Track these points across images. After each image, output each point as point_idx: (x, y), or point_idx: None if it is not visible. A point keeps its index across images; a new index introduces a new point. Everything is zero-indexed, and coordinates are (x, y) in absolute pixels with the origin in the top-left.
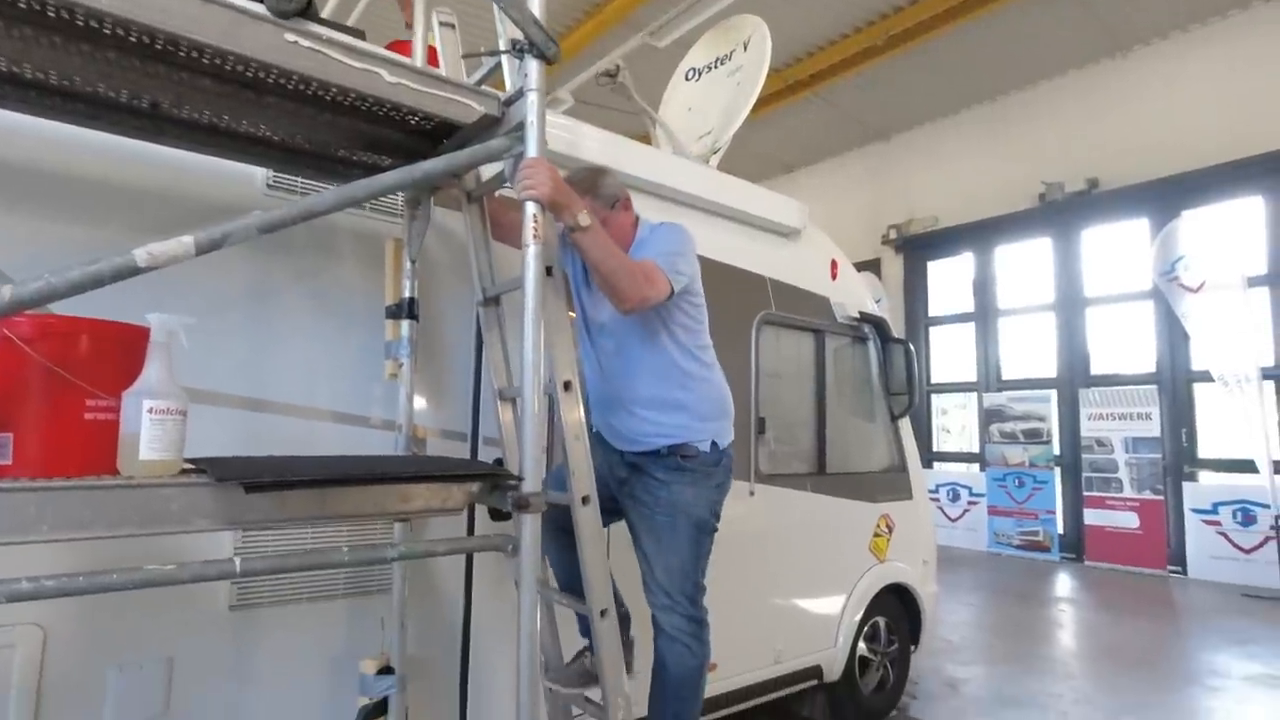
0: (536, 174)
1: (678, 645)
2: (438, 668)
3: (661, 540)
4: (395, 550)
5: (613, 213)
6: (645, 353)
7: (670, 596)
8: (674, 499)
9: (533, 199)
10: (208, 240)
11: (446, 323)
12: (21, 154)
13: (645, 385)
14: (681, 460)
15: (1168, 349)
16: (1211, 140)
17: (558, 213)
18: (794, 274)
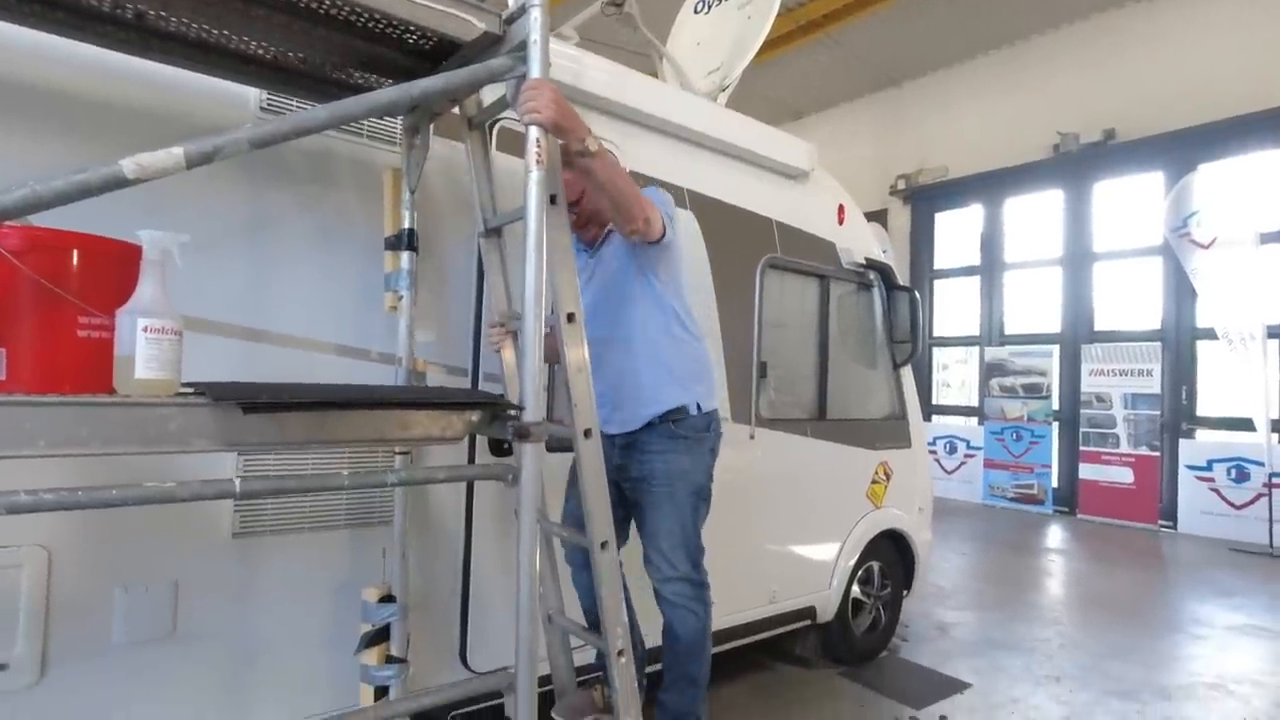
0: (539, 95)
1: (681, 610)
2: (439, 599)
3: (660, 510)
4: (395, 476)
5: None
6: (636, 323)
7: (672, 565)
8: (669, 468)
9: (536, 123)
10: (198, 153)
11: (448, 255)
12: (2, 68)
13: (639, 356)
14: (674, 427)
15: (1174, 306)
16: (1233, 90)
17: (563, 136)
18: (800, 217)
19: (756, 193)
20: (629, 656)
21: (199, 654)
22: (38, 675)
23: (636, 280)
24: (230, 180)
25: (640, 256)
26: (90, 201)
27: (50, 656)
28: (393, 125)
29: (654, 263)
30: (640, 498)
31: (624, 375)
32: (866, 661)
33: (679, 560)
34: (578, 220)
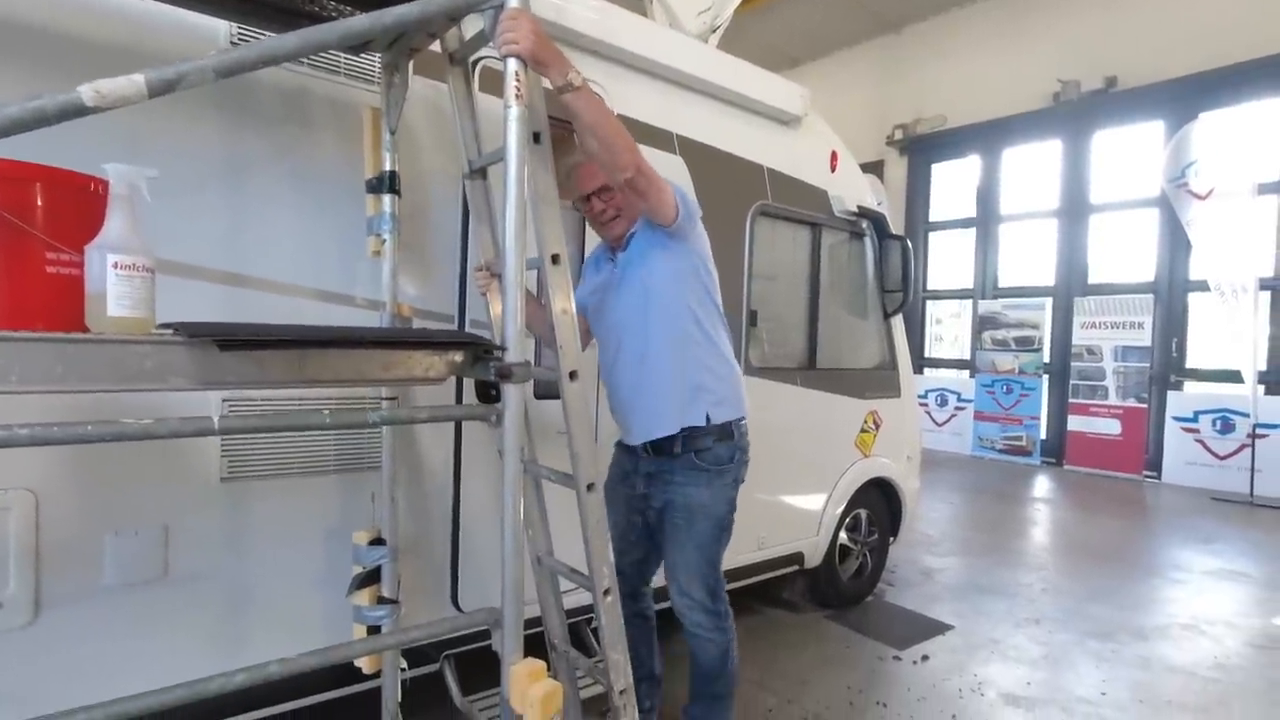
0: (517, 26)
1: (701, 639)
2: (430, 542)
3: (680, 541)
4: (377, 415)
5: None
6: (650, 330)
7: (690, 596)
8: (689, 501)
9: (514, 54)
10: (160, 81)
11: (432, 198)
12: None
13: (651, 368)
14: (695, 459)
15: (1168, 258)
16: (1238, 36)
17: (543, 70)
18: (792, 164)
19: (747, 138)
20: (615, 596)
21: (192, 596)
22: (31, 615)
23: (653, 280)
24: (206, 121)
25: (657, 250)
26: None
27: (43, 597)
28: (371, 63)
29: (672, 255)
30: (660, 524)
31: (637, 389)
32: (852, 606)
33: (696, 592)
34: (603, 213)
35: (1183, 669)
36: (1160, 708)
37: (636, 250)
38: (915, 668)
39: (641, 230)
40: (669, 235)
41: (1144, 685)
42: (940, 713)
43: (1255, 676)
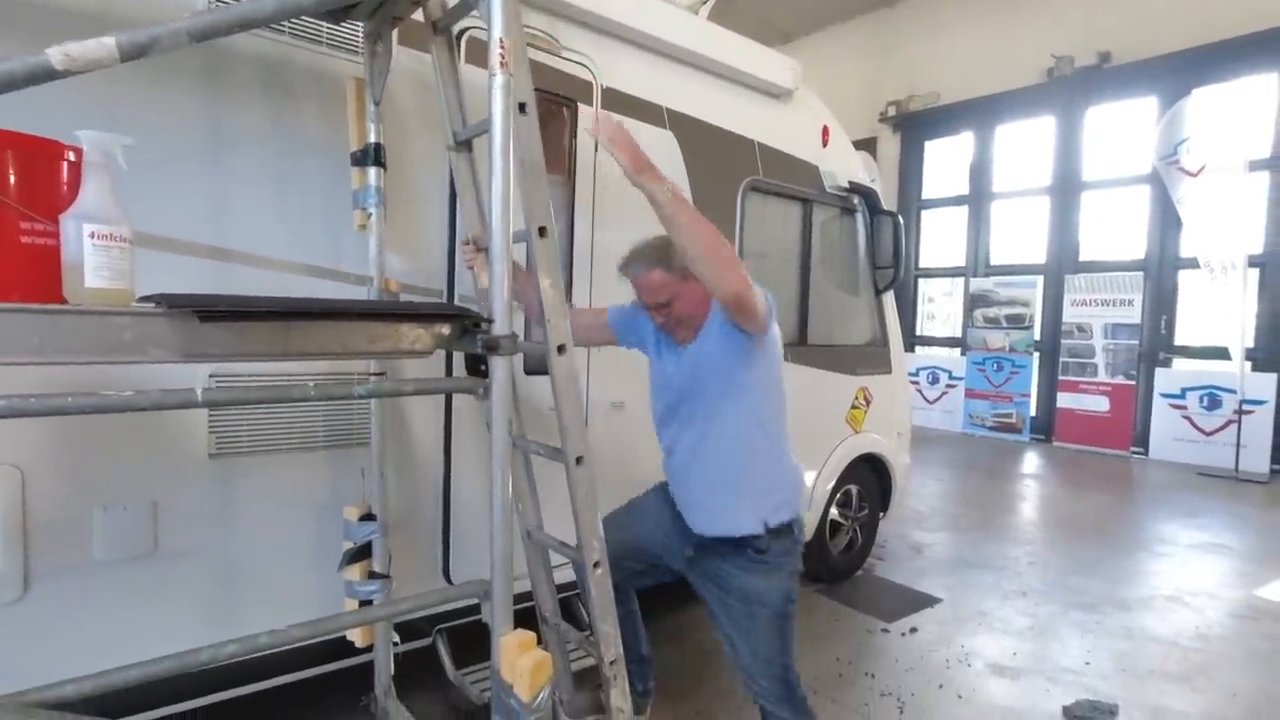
0: (620, 132)
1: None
2: (421, 518)
3: (740, 627)
4: (363, 388)
5: (685, 284)
6: (715, 430)
7: (757, 681)
8: (745, 589)
9: (616, 155)
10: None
11: (419, 171)
12: None
13: (730, 466)
14: (754, 554)
15: (1158, 235)
16: (1231, 11)
17: (641, 179)
18: (783, 139)
19: (738, 112)
20: (604, 569)
21: (183, 571)
22: (21, 590)
23: (723, 379)
24: (187, 91)
25: (731, 351)
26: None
27: (32, 573)
28: (354, 32)
29: (745, 358)
30: (714, 602)
31: (702, 485)
32: (842, 580)
33: (761, 677)
34: (668, 321)
35: (1165, 639)
36: (1143, 676)
37: (712, 347)
38: (904, 639)
39: (718, 327)
40: (749, 339)
41: (1127, 655)
42: (928, 683)
43: (1235, 646)
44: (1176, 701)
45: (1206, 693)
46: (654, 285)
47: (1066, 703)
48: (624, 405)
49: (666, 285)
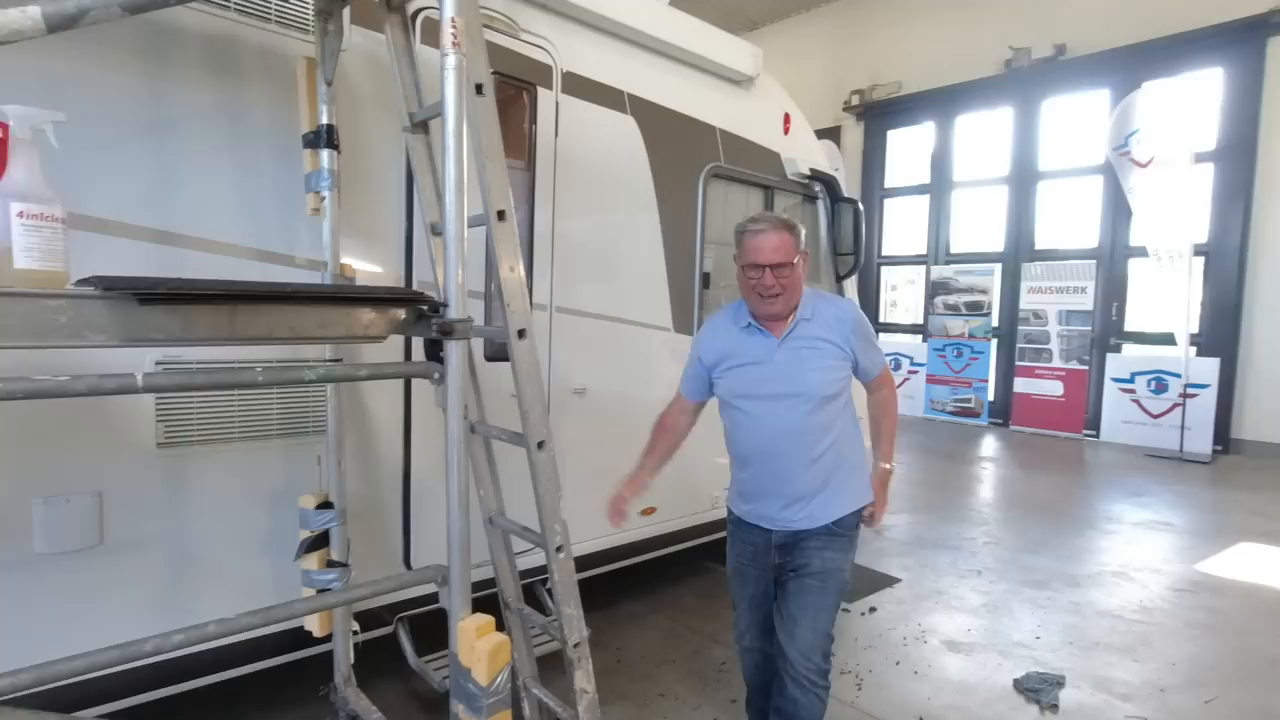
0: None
1: (810, 694)
2: (381, 505)
3: (810, 604)
4: (314, 372)
5: (802, 259)
6: (842, 415)
7: (809, 658)
8: (827, 565)
9: None
10: (59, 15)
11: (376, 154)
12: None
13: (843, 453)
14: (835, 527)
15: (1110, 225)
16: (1182, 5)
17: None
18: (745, 125)
19: (700, 99)
20: (568, 552)
21: (132, 564)
22: None
23: (827, 381)
24: (128, 69)
25: (835, 359)
26: None
27: None
28: (304, 10)
29: (846, 365)
30: (790, 585)
31: (811, 478)
32: None
33: (813, 652)
34: (771, 288)
35: (1110, 612)
36: (1088, 648)
37: (809, 342)
38: (863, 619)
39: (821, 330)
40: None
41: (1075, 628)
42: (885, 659)
43: (1174, 618)
44: (1120, 671)
45: (1147, 662)
46: (784, 246)
47: (1017, 675)
48: (586, 391)
49: (791, 252)
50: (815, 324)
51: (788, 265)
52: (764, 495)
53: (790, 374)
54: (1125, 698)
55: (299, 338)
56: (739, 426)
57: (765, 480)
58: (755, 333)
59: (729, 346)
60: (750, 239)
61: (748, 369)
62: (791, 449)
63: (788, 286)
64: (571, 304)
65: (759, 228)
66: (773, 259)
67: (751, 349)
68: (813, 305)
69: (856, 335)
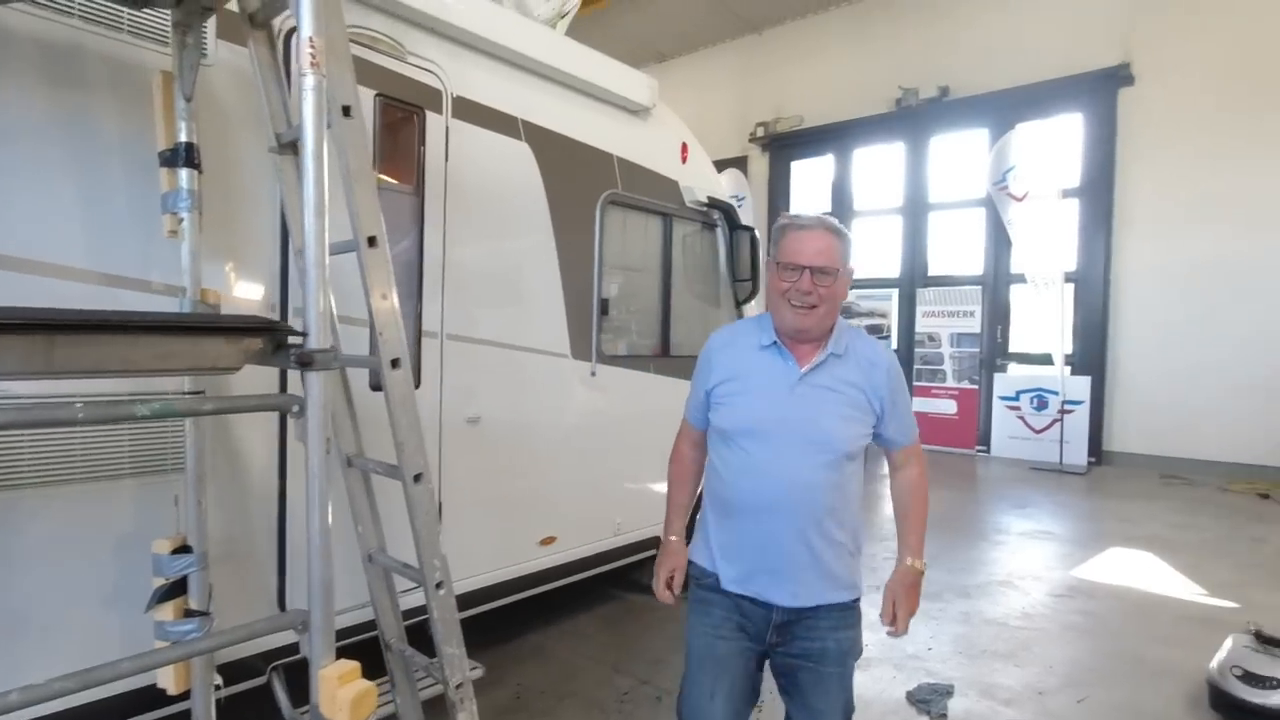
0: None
1: None
2: (252, 545)
3: (830, 692)
4: (147, 407)
5: (846, 273)
6: (849, 497)
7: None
8: (844, 647)
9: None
10: None
11: (248, 174)
12: None
13: (853, 512)
14: (852, 606)
15: (993, 253)
16: (1048, 56)
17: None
18: (642, 154)
19: (596, 126)
20: (449, 588)
21: None
22: None
23: (862, 439)
24: None
25: (858, 410)
26: None
27: None
28: (162, 22)
29: (867, 424)
30: (803, 675)
31: (810, 550)
32: None
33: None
34: (808, 295)
35: (996, 620)
36: (976, 656)
37: (835, 384)
38: None
39: (851, 373)
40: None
41: (964, 638)
42: None
43: (1053, 622)
44: (1003, 677)
45: (1028, 666)
46: (830, 250)
47: (910, 688)
48: (480, 420)
49: (837, 258)
50: (847, 364)
51: (831, 273)
52: (761, 560)
53: (809, 416)
54: (1007, 703)
55: (135, 370)
56: (736, 470)
57: (764, 541)
58: (776, 355)
59: (741, 364)
60: (791, 235)
61: (757, 398)
62: (802, 507)
63: (826, 298)
64: (464, 331)
65: (804, 223)
66: (815, 260)
67: (766, 374)
68: (847, 340)
69: (891, 389)
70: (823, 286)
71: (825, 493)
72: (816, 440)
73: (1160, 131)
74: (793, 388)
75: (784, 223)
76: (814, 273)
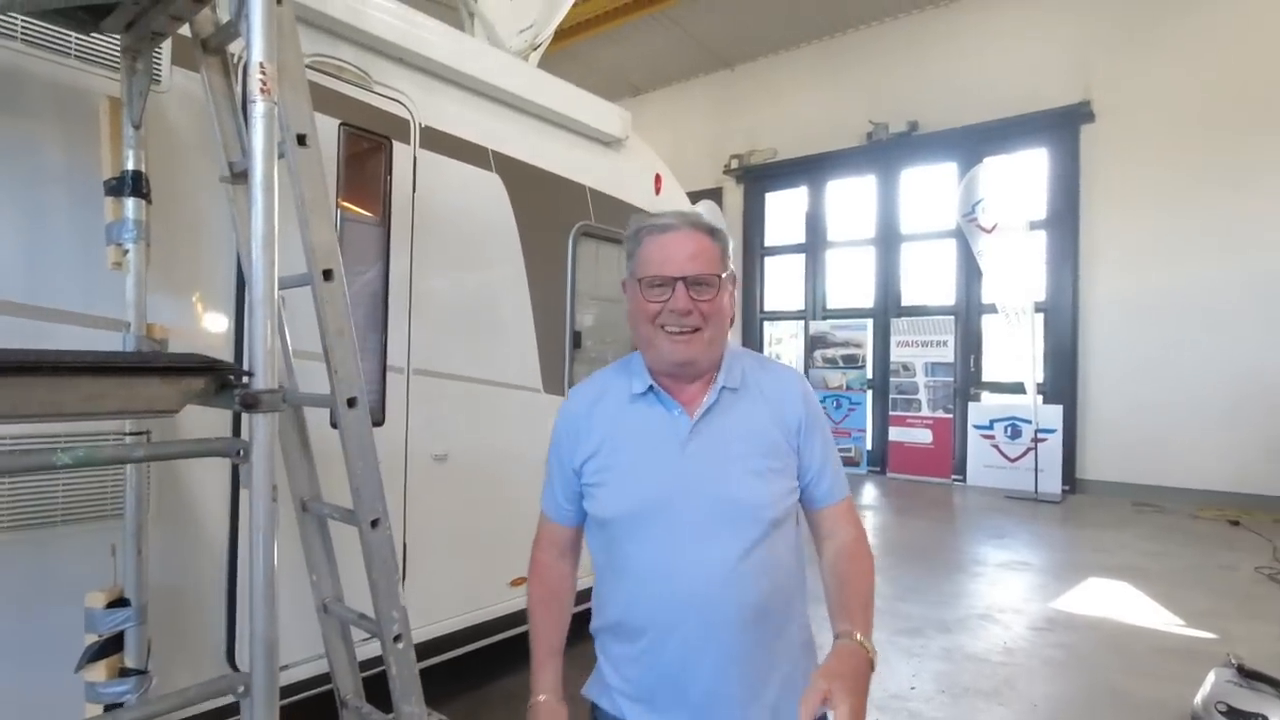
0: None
1: None
2: (200, 598)
3: None
4: (68, 455)
5: (728, 285)
6: (783, 579)
7: None
8: None
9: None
10: None
11: (203, 205)
12: None
13: (781, 624)
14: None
15: (965, 283)
16: (1013, 92)
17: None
18: (616, 185)
19: (569, 158)
20: (408, 641)
21: None
22: None
23: (788, 495)
24: None
25: (793, 476)
26: None
27: None
28: (110, 46)
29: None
30: None
31: (752, 659)
32: None
33: None
34: (687, 315)
35: (977, 656)
36: (959, 695)
37: (738, 425)
38: None
39: (755, 407)
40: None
41: (946, 675)
42: None
43: (1034, 657)
44: (986, 717)
45: (1011, 705)
46: (704, 252)
47: None
48: (448, 457)
49: (715, 261)
50: (748, 398)
51: (711, 283)
52: (681, 696)
53: (712, 478)
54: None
55: (60, 414)
56: (628, 575)
57: (678, 671)
58: (655, 403)
59: (612, 427)
60: (652, 241)
61: (640, 469)
62: (722, 611)
63: (710, 316)
64: (431, 365)
65: (666, 223)
66: (689, 268)
67: (647, 433)
68: (740, 368)
69: (809, 422)
70: (704, 301)
71: (753, 582)
72: (728, 511)
73: (1122, 166)
74: (684, 445)
75: (638, 226)
76: (690, 285)
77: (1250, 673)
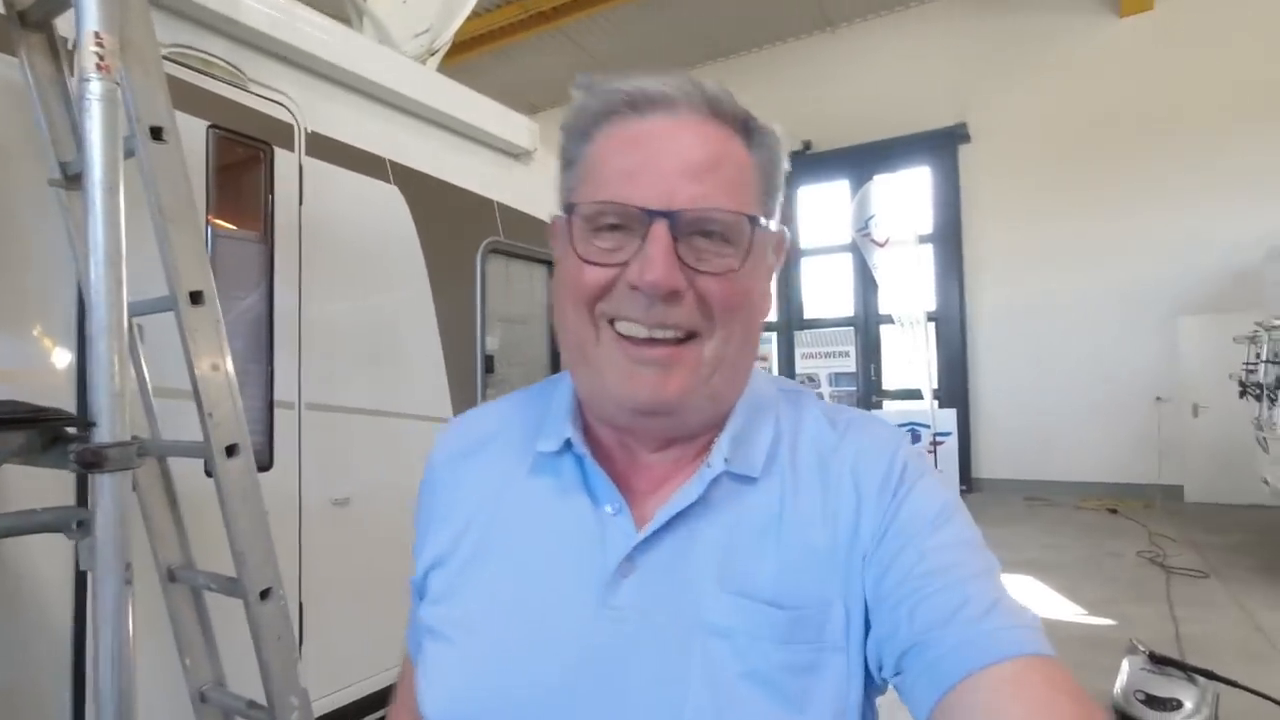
0: None
1: None
2: (35, 694)
3: None
4: None
5: (768, 251)
6: None
7: None
8: None
9: None
10: None
11: (30, 214)
12: None
13: None
14: None
15: (862, 295)
16: (898, 114)
17: None
18: (526, 199)
19: (475, 171)
20: None
21: None
22: None
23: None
24: None
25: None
26: None
27: None
28: None
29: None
30: None
31: None
32: None
33: None
34: (685, 321)
35: None
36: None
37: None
38: None
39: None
40: None
41: None
42: None
43: None
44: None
45: None
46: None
47: None
48: (350, 501)
49: (745, 191)
50: (771, 494)
51: (732, 231)
52: None
53: (659, 678)
54: None
55: None
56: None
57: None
58: (576, 483)
59: (480, 505)
60: (615, 130)
61: (516, 626)
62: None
63: (723, 308)
64: (327, 398)
65: (651, 92)
66: (688, 193)
67: (545, 542)
68: (772, 429)
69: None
70: (711, 274)
71: None
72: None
73: (996, 184)
74: (611, 589)
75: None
76: (684, 231)
77: (1160, 659)
